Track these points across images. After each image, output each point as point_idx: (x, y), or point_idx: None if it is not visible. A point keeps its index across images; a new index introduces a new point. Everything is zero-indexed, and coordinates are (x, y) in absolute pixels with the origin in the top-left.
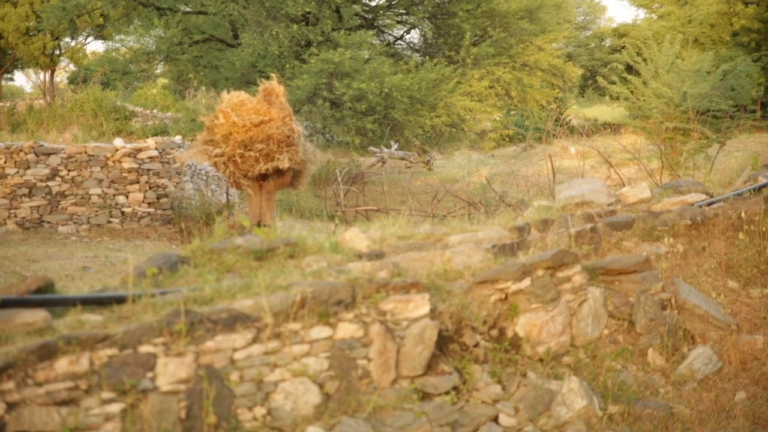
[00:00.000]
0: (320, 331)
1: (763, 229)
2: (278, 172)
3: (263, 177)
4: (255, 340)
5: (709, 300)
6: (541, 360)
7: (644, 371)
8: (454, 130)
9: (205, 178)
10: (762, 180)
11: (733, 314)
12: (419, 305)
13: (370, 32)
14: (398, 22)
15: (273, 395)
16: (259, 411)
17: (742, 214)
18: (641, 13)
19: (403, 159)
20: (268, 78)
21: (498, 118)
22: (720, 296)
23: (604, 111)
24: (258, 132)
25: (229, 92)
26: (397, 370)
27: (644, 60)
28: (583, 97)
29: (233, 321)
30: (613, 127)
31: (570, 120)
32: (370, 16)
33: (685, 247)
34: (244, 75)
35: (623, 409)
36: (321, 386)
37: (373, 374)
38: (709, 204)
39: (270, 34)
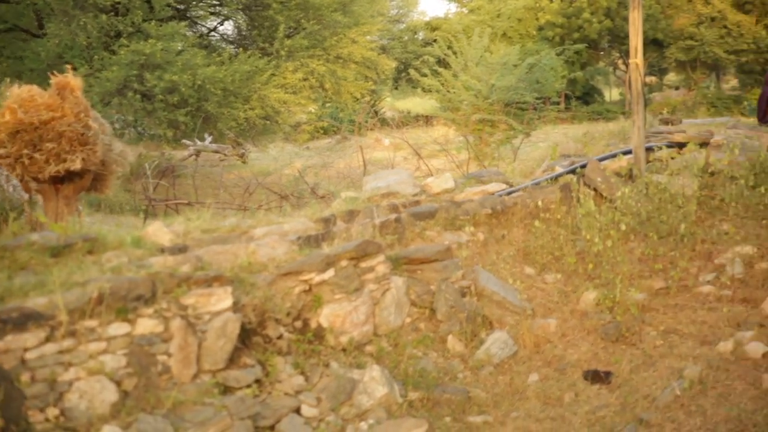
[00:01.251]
0: (118, 328)
1: (558, 216)
2: (76, 175)
3: (60, 180)
4: (48, 339)
5: (507, 286)
6: (344, 350)
7: (444, 357)
8: (268, 122)
9: (5, 173)
10: (558, 169)
11: (529, 299)
12: (222, 299)
13: (183, 23)
14: (212, 14)
15: (67, 395)
16: (52, 412)
17: (539, 203)
18: (453, 7)
19: (216, 152)
20: (75, 69)
21: (312, 111)
22: (517, 282)
23: (417, 103)
24: (47, 130)
25: (20, 86)
26: (198, 364)
27: (454, 53)
28: (396, 89)
29: (25, 320)
30: (425, 119)
31: (384, 112)
32: (183, 7)
33: (486, 235)
34: (50, 66)
35: (423, 395)
36: (118, 384)
37: (174, 369)
38: (509, 193)
39: (77, 24)
